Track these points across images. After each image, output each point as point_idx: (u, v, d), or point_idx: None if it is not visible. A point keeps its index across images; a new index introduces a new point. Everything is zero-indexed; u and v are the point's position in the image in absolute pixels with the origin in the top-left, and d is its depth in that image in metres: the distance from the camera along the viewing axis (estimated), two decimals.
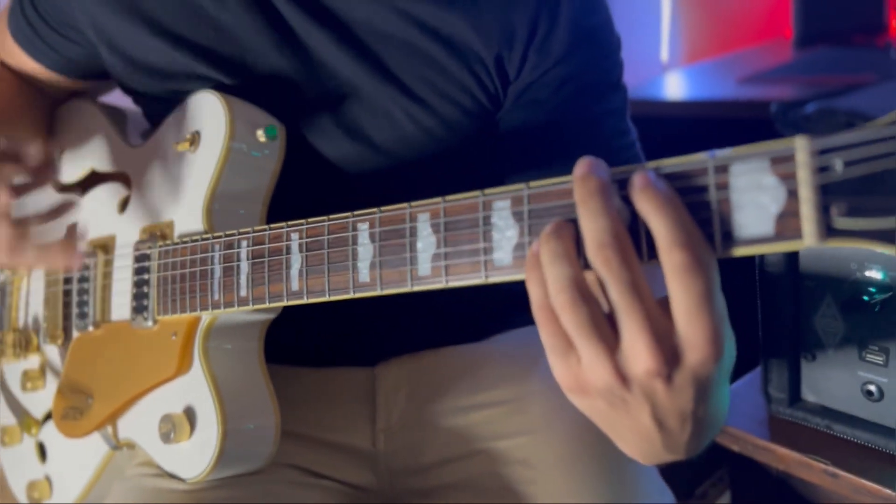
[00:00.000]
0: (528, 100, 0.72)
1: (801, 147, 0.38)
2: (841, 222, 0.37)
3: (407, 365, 0.83)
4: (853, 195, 0.37)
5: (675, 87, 1.45)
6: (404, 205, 0.53)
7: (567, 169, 0.73)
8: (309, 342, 0.82)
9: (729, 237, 0.40)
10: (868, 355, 0.68)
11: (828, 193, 0.37)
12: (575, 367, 0.44)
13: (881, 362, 0.68)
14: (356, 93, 0.72)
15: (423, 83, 0.71)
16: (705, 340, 0.40)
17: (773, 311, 0.74)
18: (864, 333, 0.69)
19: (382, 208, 0.54)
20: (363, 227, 0.55)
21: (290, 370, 0.82)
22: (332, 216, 0.57)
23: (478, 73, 0.71)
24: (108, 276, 0.77)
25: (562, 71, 0.71)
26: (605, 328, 0.42)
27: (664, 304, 0.41)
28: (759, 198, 0.39)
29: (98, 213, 0.81)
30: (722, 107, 1.24)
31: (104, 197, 0.81)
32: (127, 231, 0.76)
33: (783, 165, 0.38)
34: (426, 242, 0.52)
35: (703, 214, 0.41)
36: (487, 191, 0.50)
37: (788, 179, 0.38)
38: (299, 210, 0.62)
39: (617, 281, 0.41)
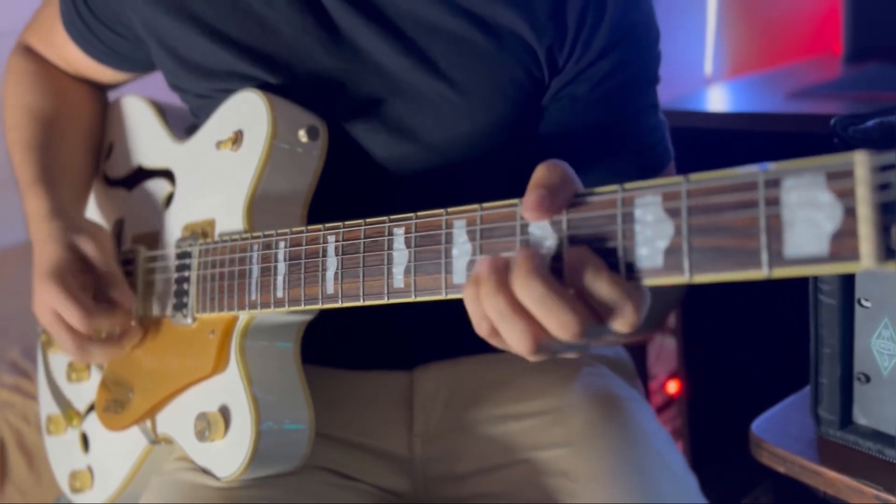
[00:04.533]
0: (565, 95, 0.71)
1: (860, 162, 0.35)
2: None
3: (445, 370, 0.82)
4: None
5: (719, 101, 1.41)
6: (441, 210, 0.52)
7: (602, 166, 0.72)
8: (347, 344, 0.81)
9: (778, 256, 0.37)
10: None
11: (889, 212, 0.35)
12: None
13: None
14: (403, 90, 0.71)
15: (474, 78, 0.70)
16: None
17: (827, 331, 0.70)
18: None
19: (419, 213, 0.53)
20: (399, 232, 0.54)
21: (328, 372, 0.81)
22: (368, 220, 0.57)
23: (528, 64, 0.70)
24: (150, 272, 0.78)
25: (602, 67, 0.69)
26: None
27: None
28: (813, 215, 0.36)
29: (143, 209, 0.82)
30: (770, 120, 1.20)
31: (150, 192, 0.81)
32: (170, 228, 0.77)
33: (840, 181, 0.36)
34: (462, 249, 0.50)
35: (750, 231, 0.38)
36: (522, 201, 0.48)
37: (846, 197, 0.36)
38: (345, 211, 0.61)
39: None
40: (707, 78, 1.90)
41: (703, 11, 1.90)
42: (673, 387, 1.70)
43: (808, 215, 0.37)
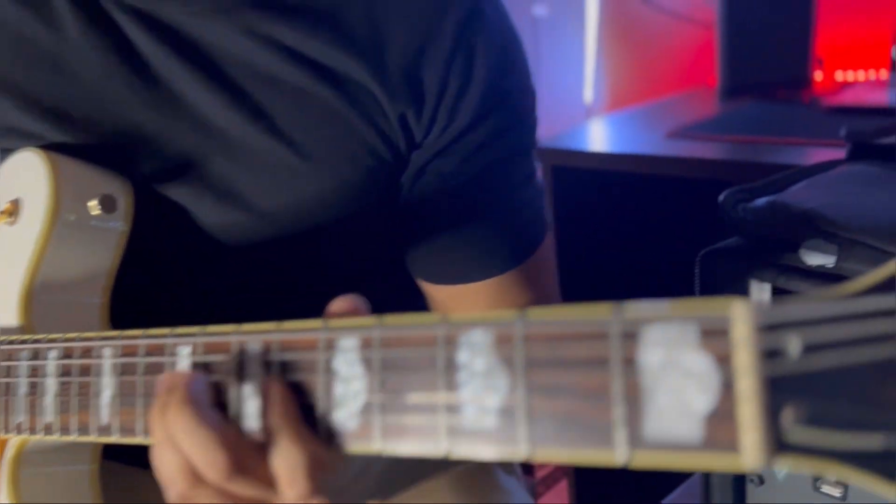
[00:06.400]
0: (432, 171, 0.61)
1: (740, 317, 0.26)
2: (796, 434, 0.25)
3: None
4: (815, 396, 0.25)
5: (600, 137, 1.38)
6: (232, 327, 0.40)
7: (471, 248, 0.63)
8: None
9: (638, 436, 0.28)
10: (824, 486, 0.57)
11: (779, 390, 0.25)
12: None
13: (839, 496, 0.56)
14: (233, 148, 0.59)
15: (317, 137, 0.59)
16: None
17: None
18: None
19: (208, 329, 0.41)
20: (184, 352, 0.42)
21: (150, 475, 0.68)
22: (150, 331, 0.44)
23: (382, 127, 0.60)
24: None
25: (472, 139, 0.60)
26: None
27: None
28: (682, 385, 0.27)
29: None
30: (650, 162, 1.17)
31: None
32: None
33: (717, 340, 0.26)
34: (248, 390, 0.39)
35: (602, 398, 0.28)
36: (332, 323, 0.37)
37: (723, 363, 0.26)
38: (167, 296, 0.50)
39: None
40: (587, 107, 1.89)
41: (583, 40, 1.90)
42: None
43: (676, 384, 0.27)
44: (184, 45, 0.57)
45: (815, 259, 0.49)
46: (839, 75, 1.56)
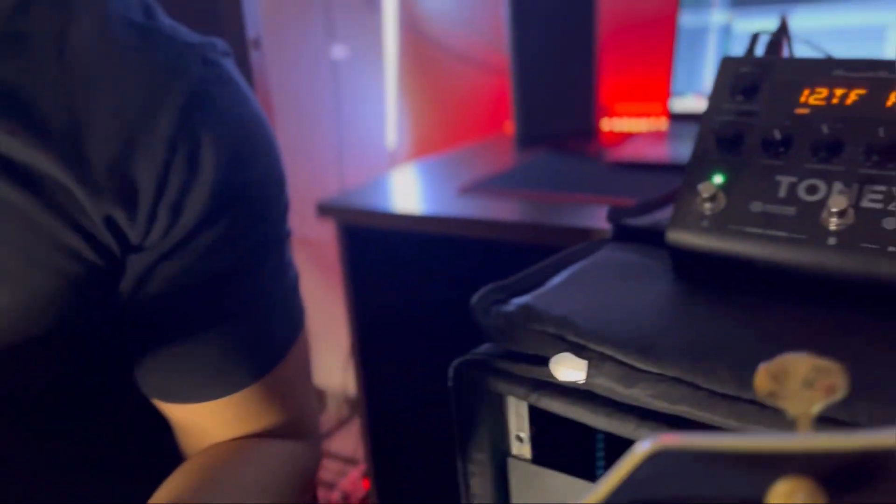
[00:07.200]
0: (159, 275, 0.53)
1: None
2: None
3: None
4: None
5: (395, 190, 1.35)
6: None
7: (208, 362, 0.55)
8: None
9: None
10: None
11: None
12: None
13: None
14: None
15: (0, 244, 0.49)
16: None
17: None
18: None
19: None
20: None
21: None
22: None
23: (87, 228, 0.51)
24: None
25: (204, 239, 0.53)
26: None
27: None
28: None
29: None
30: (439, 223, 1.15)
31: None
32: None
33: None
34: None
35: None
36: None
37: None
38: None
39: None
40: (390, 152, 1.87)
41: (384, 84, 1.88)
42: None
43: None
44: None
45: (565, 375, 0.45)
46: (623, 125, 1.61)
